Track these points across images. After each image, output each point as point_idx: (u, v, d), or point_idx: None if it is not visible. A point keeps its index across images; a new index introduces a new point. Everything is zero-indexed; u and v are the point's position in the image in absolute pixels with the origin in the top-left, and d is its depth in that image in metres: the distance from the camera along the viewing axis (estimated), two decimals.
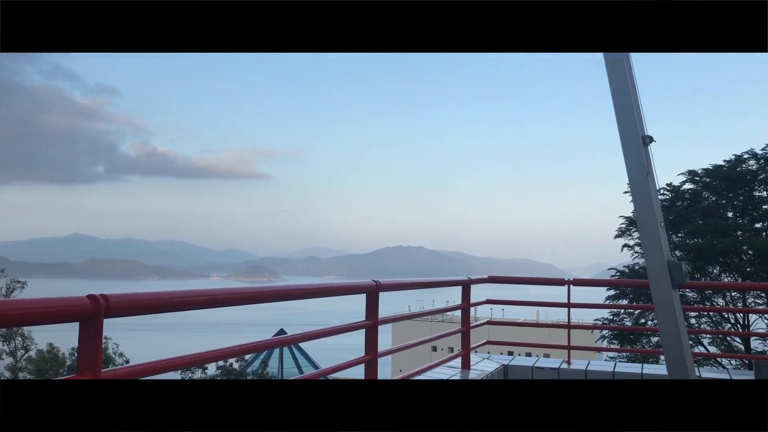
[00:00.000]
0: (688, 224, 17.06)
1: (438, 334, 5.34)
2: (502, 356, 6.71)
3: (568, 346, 6.46)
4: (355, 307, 4.62)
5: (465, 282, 5.94)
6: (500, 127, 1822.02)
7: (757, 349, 15.94)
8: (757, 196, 17.66)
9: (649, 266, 4.83)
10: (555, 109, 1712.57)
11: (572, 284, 6.60)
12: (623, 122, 4.94)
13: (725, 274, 16.36)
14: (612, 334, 16.99)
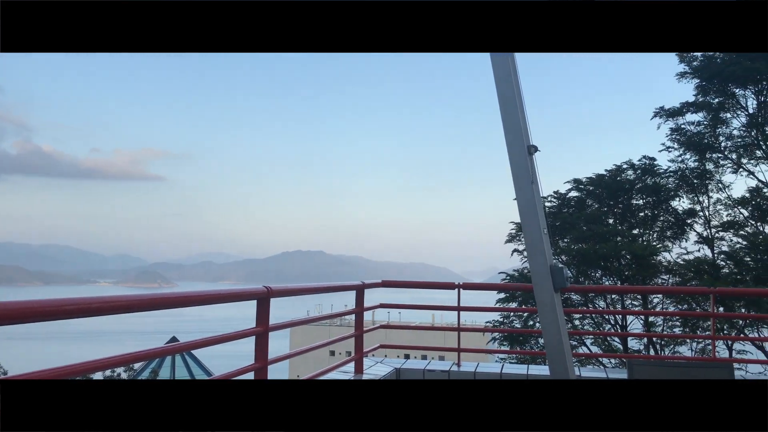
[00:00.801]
0: (574, 230, 17.95)
1: (330, 339, 5.34)
2: (396, 360, 6.80)
3: (458, 348, 6.63)
4: (253, 313, 4.55)
5: (359, 286, 5.97)
6: (401, 132, 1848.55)
7: (633, 348, 16.97)
8: (634, 204, 18.86)
9: (533, 270, 5.03)
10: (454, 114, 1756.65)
11: (462, 288, 6.78)
12: (510, 133, 5.12)
13: (606, 278, 17.33)
14: (502, 336, 17.60)
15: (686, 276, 16.25)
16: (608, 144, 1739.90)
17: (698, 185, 17.85)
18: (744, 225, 17.13)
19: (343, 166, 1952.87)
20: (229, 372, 4.31)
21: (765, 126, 16.50)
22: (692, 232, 18.12)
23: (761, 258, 15.82)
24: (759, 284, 15.28)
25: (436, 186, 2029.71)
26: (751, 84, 16.42)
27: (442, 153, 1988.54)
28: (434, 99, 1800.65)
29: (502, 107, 5.15)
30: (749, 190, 17.09)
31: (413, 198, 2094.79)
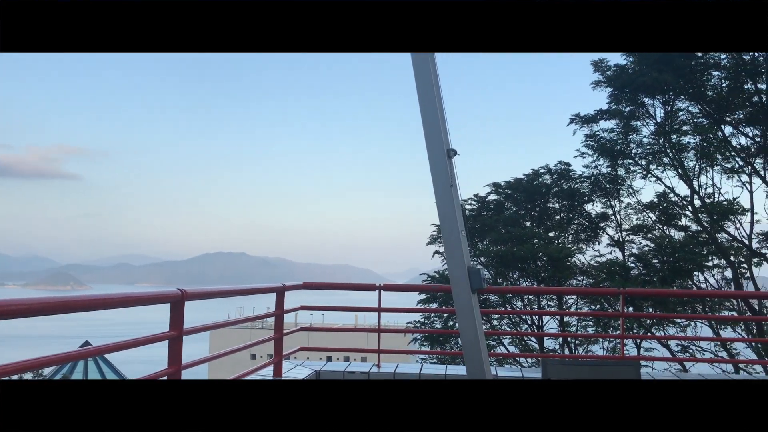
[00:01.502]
0: (493, 232, 18.37)
1: (250, 342, 5.25)
2: (317, 362, 6.76)
3: (378, 350, 6.66)
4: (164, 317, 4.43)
5: (279, 289, 5.90)
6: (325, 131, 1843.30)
7: (548, 347, 17.51)
8: (550, 207, 19.50)
9: (451, 272, 5.11)
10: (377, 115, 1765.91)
11: (383, 290, 6.82)
12: (430, 136, 5.19)
13: (523, 279, 17.82)
14: (423, 337, 17.80)
15: (599, 277, 16.90)
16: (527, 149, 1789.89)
17: (610, 190, 18.60)
18: (652, 228, 17.98)
19: (266, 166, 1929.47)
20: (142, 377, 4.17)
21: (671, 134, 17.36)
22: (605, 235, 18.88)
23: (667, 260, 16.64)
24: (665, 285, 16.06)
25: (360, 187, 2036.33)
26: (659, 94, 17.25)
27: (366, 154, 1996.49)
28: (357, 100, 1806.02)
29: (423, 110, 5.21)
30: (657, 195, 17.96)
31: (337, 199, 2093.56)
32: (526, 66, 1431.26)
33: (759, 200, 27.89)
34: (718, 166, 17.12)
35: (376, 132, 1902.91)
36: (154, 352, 4.18)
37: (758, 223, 16.64)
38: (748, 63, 16.24)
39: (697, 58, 16.80)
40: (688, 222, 17.57)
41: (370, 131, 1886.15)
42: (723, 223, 16.85)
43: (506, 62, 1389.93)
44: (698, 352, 16.47)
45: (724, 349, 16.40)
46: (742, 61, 16.30)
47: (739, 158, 16.78)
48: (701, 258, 16.56)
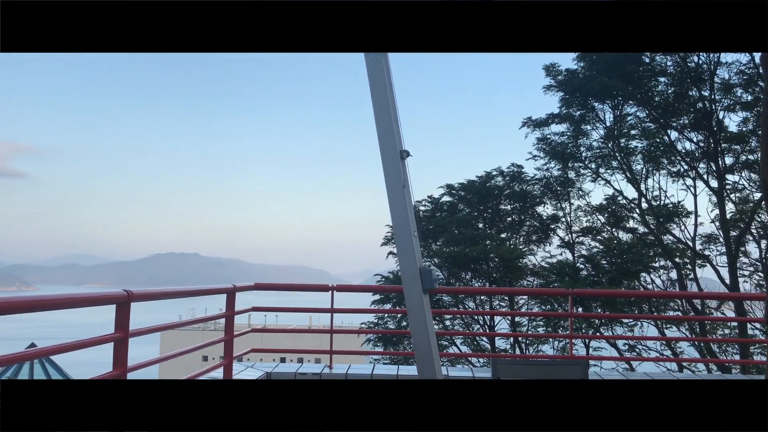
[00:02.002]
0: (446, 233, 18.50)
1: (201, 343, 5.17)
2: (267, 363, 6.69)
3: (330, 351, 6.64)
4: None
5: (229, 290, 5.83)
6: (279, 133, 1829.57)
7: (500, 347, 17.73)
8: (503, 209, 19.76)
9: (403, 272, 5.12)
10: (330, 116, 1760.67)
11: (336, 290, 6.79)
12: (383, 137, 5.19)
13: (476, 280, 18.00)
14: (376, 338, 17.82)
15: (549, 278, 17.19)
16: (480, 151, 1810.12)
17: (561, 192, 18.94)
18: (601, 230, 18.39)
19: (219, 166, 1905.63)
20: (87, 379, 4.06)
21: (620, 138, 17.78)
22: (555, 237, 19.22)
23: (615, 261, 17.03)
24: (613, 285, 16.43)
25: (314, 188, 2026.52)
26: (608, 99, 17.65)
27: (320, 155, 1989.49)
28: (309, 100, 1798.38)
29: (376, 111, 5.22)
30: (606, 197, 18.39)
31: (292, 200, 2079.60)
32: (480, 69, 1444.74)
33: (702, 203, 28.91)
34: (664, 169, 17.62)
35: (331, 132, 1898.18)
36: (104, 354, 4.09)
37: (701, 226, 17.20)
38: (693, 70, 16.75)
39: (645, 65, 17.26)
40: (636, 224, 18.03)
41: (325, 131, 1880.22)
42: (669, 226, 17.35)
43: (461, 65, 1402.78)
44: (644, 351, 16.90)
45: (669, 348, 16.87)
46: (687, 68, 16.81)
47: (684, 162, 17.29)
48: (648, 259, 17.01)
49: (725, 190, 16.70)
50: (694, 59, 16.71)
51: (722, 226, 16.57)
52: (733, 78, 16.33)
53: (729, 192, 16.78)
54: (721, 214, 16.55)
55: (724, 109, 16.68)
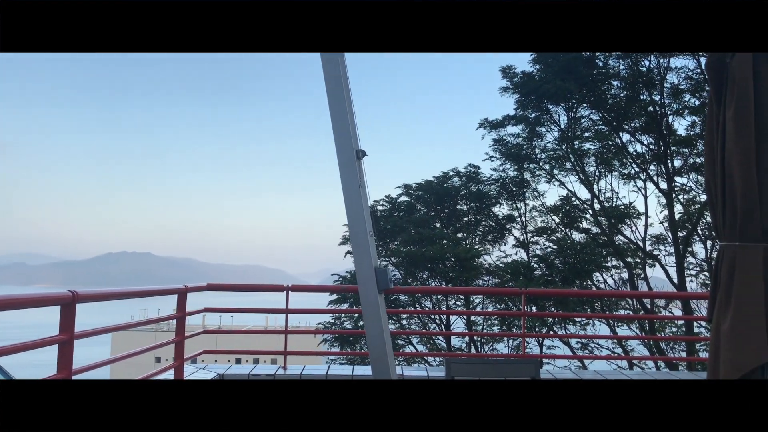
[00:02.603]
0: (403, 233, 18.56)
1: (147, 346, 5.06)
2: (221, 365, 6.59)
3: (284, 351, 6.58)
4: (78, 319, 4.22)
5: (180, 290, 5.72)
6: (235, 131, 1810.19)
7: (456, 346, 17.86)
8: (459, 209, 19.92)
9: (359, 272, 5.11)
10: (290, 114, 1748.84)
11: (291, 291, 6.74)
12: (339, 137, 5.18)
13: (432, 279, 18.09)
14: (333, 338, 17.76)
15: (504, 277, 17.39)
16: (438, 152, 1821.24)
17: (517, 193, 19.18)
18: (555, 231, 18.68)
19: (173, 165, 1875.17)
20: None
21: (574, 140, 18.09)
22: (510, 237, 19.46)
23: (568, 261, 17.33)
24: (566, 285, 16.72)
25: (271, 187, 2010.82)
26: (563, 102, 17.94)
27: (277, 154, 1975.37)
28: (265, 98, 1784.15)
29: (332, 110, 5.20)
30: (560, 198, 18.69)
31: (248, 199, 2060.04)
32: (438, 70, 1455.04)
33: (652, 205, 29.64)
34: (616, 171, 18.00)
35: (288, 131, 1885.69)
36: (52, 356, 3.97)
37: (651, 227, 17.63)
38: (644, 74, 17.15)
39: (599, 68, 17.59)
40: (589, 225, 18.37)
41: (281, 130, 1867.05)
42: (620, 226, 17.73)
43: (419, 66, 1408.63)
44: (596, 350, 17.23)
45: (620, 346, 17.24)
46: (639, 72, 17.21)
47: (635, 164, 17.69)
48: (600, 259, 17.35)
49: (674, 192, 17.16)
50: (645, 63, 17.10)
51: (671, 226, 17.02)
52: (682, 83, 16.79)
53: (677, 194, 17.24)
54: (669, 215, 16.99)
55: (673, 113, 17.13)
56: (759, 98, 3.99)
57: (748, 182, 4.43)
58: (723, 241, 4.58)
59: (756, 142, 4.42)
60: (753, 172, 4.41)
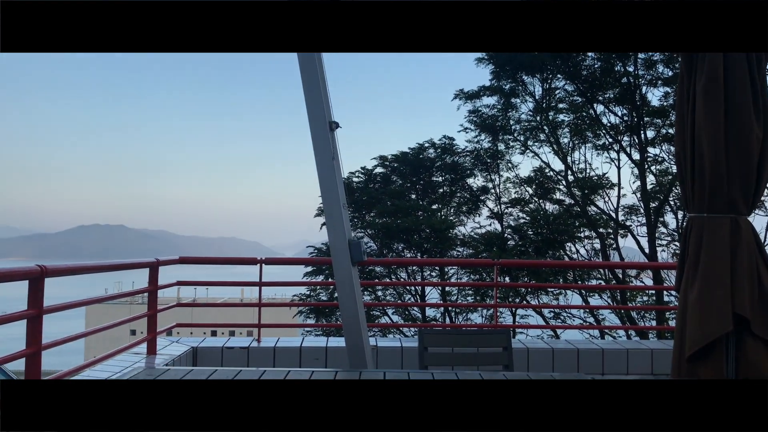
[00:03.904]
0: (379, 205, 18.56)
1: (117, 320, 5.02)
2: (194, 338, 6.57)
3: (258, 324, 6.58)
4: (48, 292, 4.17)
5: (152, 264, 5.67)
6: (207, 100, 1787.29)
7: (430, 316, 18.03)
8: (435, 180, 19.95)
9: (332, 245, 5.11)
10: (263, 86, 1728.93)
11: (264, 263, 6.72)
12: (312, 109, 5.14)
13: (408, 250, 18.17)
14: (308, 310, 17.80)
15: (478, 248, 17.51)
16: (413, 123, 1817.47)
17: (491, 164, 19.23)
18: (529, 202, 18.81)
19: (146, 136, 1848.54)
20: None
21: (548, 111, 18.14)
22: (485, 208, 19.56)
23: (541, 232, 17.49)
24: (539, 255, 16.89)
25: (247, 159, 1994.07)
26: (538, 72, 17.94)
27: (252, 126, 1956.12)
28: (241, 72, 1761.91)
29: (305, 83, 5.16)
30: (534, 170, 18.77)
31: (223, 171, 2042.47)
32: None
33: (625, 176, 29.90)
34: (590, 143, 18.11)
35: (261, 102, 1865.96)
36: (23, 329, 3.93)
37: (624, 197, 17.82)
38: None
39: None
40: (562, 196, 18.51)
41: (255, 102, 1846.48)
42: (593, 197, 17.89)
43: None
44: (569, 319, 17.51)
45: (592, 316, 17.53)
46: None
47: (609, 135, 17.81)
48: (573, 230, 17.54)
49: (646, 163, 17.32)
50: None
51: (643, 197, 17.22)
52: (655, 54, 16.86)
53: (650, 164, 17.41)
54: (642, 186, 17.18)
55: (647, 84, 17.22)
56: (728, 73, 4.03)
57: (716, 154, 4.49)
58: (692, 212, 4.66)
59: (725, 116, 4.47)
60: (722, 144, 4.46)
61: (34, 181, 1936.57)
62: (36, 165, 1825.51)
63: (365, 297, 17.06)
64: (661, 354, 6.28)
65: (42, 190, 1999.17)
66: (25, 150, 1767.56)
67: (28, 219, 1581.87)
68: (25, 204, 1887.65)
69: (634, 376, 4.97)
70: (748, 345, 4.41)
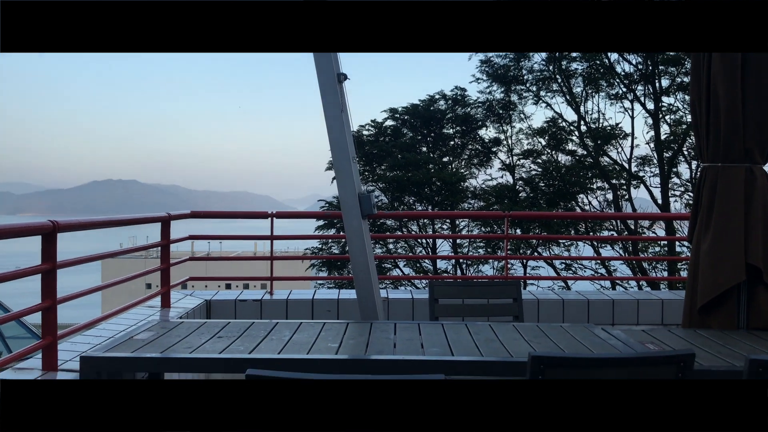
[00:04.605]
0: (389, 158, 18.49)
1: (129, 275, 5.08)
2: (207, 291, 6.65)
3: (270, 277, 6.64)
4: (67, 247, 4.23)
5: (164, 218, 5.70)
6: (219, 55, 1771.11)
7: (441, 269, 18.13)
8: (446, 133, 19.80)
9: (342, 198, 5.10)
10: None
11: (275, 217, 6.74)
12: (320, 59, 5.06)
13: (419, 204, 18.17)
14: (320, 263, 17.95)
15: (489, 201, 17.48)
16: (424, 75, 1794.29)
17: (503, 116, 19.03)
18: (541, 153, 18.66)
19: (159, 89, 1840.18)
20: (16, 311, 3.99)
21: (561, 61, 17.83)
22: (496, 160, 19.44)
23: (553, 183, 17.40)
24: (551, 207, 16.85)
25: (258, 112, 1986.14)
26: None
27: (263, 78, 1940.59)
28: None
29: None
30: (546, 120, 18.58)
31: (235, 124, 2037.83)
32: None
33: (639, 126, 29.59)
34: (603, 92, 17.84)
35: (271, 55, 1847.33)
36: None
37: (637, 147, 17.64)
38: None
39: None
40: (575, 147, 18.35)
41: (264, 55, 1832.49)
42: (606, 148, 17.72)
43: None
44: (580, 270, 17.55)
45: (604, 267, 17.56)
46: None
47: (623, 85, 17.53)
48: (585, 181, 17.43)
49: (660, 112, 17.08)
50: None
51: (656, 147, 17.04)
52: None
53: (664, 114, 17.16)
54: (655, 136, 16.98)
55: None
56: None
57: (732, 102, 4.40)
58: (706, 162, 4.60)
59: (741, 63, 4.37)
60: (738, 92, 4.38)
61: (47, 137, 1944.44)
62: (49, 121, 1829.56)
63: (376, 250, 17.16)
64: (671, 304, 6.28)
65: (55, 145, 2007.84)
66: (39, 105, 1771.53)
67: (42, 175, 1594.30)
68: (40, 161, 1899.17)
69: (644, 326, 4.98)
70: (760, 295, 4.40)
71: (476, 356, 3.34)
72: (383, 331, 3.94)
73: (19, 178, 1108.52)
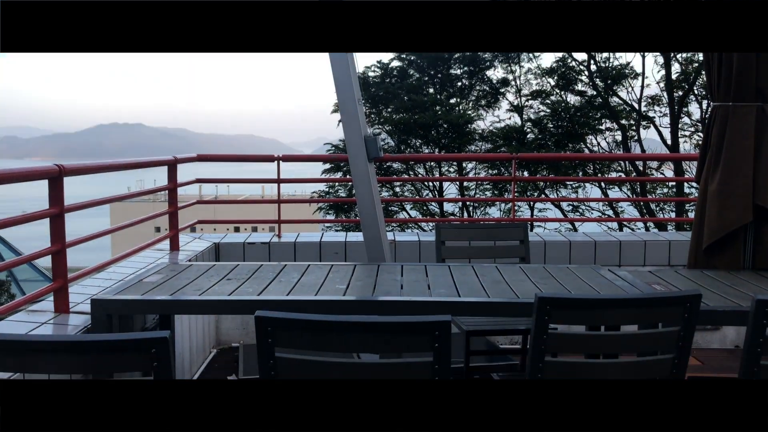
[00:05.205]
0: (396, 100, 18.29)
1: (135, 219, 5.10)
2: (215, 234, 6.69)
3: (278, 220, 6.67)
4: (75, 191, 4.24)
5: (170, 162, 5.68)
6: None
7: (448, 211, 18.15)
8: (453, 74, 19.50)
9: (348, 141, 5.06)
10: None
11: (282, 160, 6.72)
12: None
13: (425, 146, 18.05)
14: (328, 206, 17.99)
15: (497, 142, 17.34)
16: None
17: (512, 55, 18.69)
18: (550, 94, 18.40)
19: None
20: (27, 255, 4.03)
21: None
22: (504, 101, 19.20)
23: (562, 124, 17.22)
24: (559, 149, 16.72)
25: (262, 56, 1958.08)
26: None
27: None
28: None
29: None
30: (556, 60, 18.24)
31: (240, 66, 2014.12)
32: None
33: (649, 65, 29.06)
34: None
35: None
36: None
37: (648, 87, 17.36)
38: None
39: None
40: (584, 87, 18.07)
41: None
42: (616, 88, 17.45)
43: None
44: (588, 212, 17.54)
45: (611, 208, 17.54)
46: None
47: None
48: (594, 122, 17.23)
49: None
50: None
51: (667, 87, 16.76)
52: None
53: (675, 52, 16.82)
54: (666, 75, 16.68)
55: None
56: None
57: None
58: (716, 101, 4.52)
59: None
60: None
61: (52, 81, 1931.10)
62: (53, 64, 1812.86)
63: (383, 193, 17.15)
64: (678, 245, 6.29)
65: (60, 89, 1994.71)
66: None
67: (48, 119, 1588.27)
68: (45, 104, 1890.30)
69: (650, 267, 5.02)
70: (766, 236, 4.39)
71: (483, 297, 3.37)
72: (390, 272, 3.97)
73: (24, 123, 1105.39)
